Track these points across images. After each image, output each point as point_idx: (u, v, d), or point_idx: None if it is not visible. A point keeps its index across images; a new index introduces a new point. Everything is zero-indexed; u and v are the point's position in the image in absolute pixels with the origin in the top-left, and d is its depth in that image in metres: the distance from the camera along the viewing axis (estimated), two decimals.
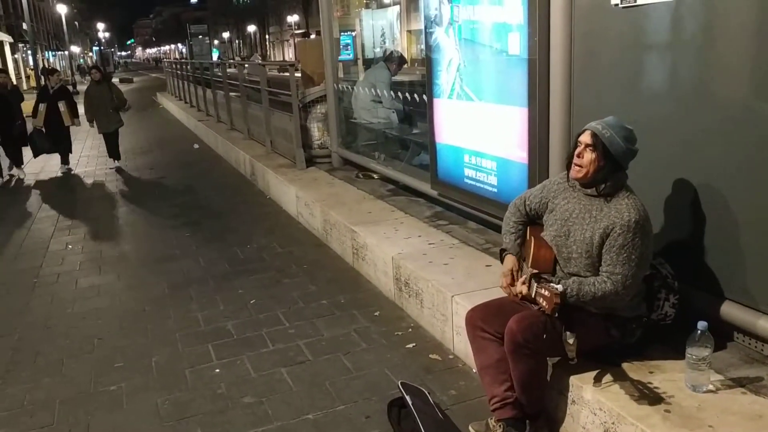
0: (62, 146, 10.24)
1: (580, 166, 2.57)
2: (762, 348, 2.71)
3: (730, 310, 2.75)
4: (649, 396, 2.45)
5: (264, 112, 8.90)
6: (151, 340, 4.03)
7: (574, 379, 2.64)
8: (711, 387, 2.48)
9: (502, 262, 2.88)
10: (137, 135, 14.59)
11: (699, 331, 2.42)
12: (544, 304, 2.40)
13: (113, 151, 10.35)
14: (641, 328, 2.69)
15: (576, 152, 2.58)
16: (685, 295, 2.78)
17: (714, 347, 2.46)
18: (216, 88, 13.09)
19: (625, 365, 2.66)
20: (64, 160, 10.31)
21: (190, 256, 5.65)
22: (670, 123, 2.90)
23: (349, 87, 7.33)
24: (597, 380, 2.59)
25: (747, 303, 2.70)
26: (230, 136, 10.92)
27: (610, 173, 2.55)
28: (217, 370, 3.57)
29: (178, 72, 19.75)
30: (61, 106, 9.88)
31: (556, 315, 2.45)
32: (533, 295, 2.49)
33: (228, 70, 13.16)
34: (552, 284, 2.44)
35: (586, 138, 2.56)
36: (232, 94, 11.73)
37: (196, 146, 12.38)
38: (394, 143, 6.90)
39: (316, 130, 7.90)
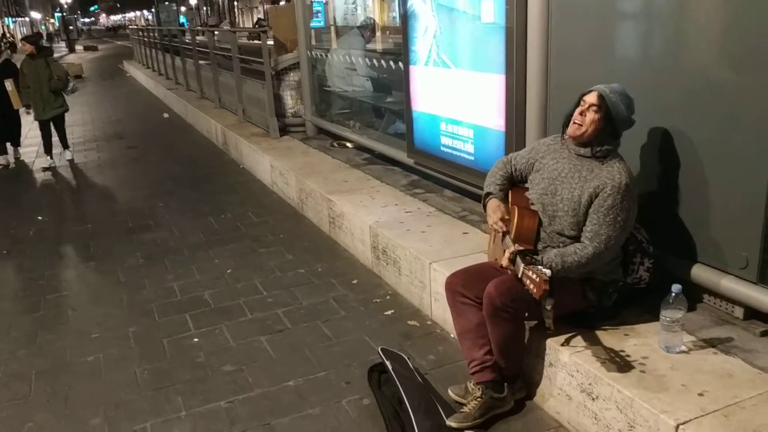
0: (10, 134, 8.50)
1: (580, 124, 2.58)
2: (732, 309, 2.79)
3: (700, 273, 2.82)
4: (625, 357, 2.51)
5: (235, 80, 8.75)
6: (126, 311, 3.99)
7: (551, 342, 2.69)
8: (684, 348, 2.54)
9: (484, 208, 2.88)
10: (105, 104, 14.29)
11: (673, 294, 2.47)
12: (532, 288, 2.36)
13: (61, 140, 8.45)
14: (617, 291, 2.75)
15: (579, 111, 2.59)
16: (659, 259, 2.84)
17: (687, 309, 2.53)
18: (185, 55, 12.82)
19: (601, 328, 2.72)
20: (15, 151, 8.70)
21: (164, 226, 5.59)
22: (645, 92, 2.92)
23: (323, 54, 7.24)
24: (574, 343, 2.65)
25: (717, 266, 2.76)
26: (201, 105, 10.74)
27: (607, 137, 2.58)
28: (196, 340, 3.56)
29: (145, 39, 19.28)
30: (8, 85, 8.02)
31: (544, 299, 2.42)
32: (519, 275, 2.46)
33: (197, 37, 12.89)
34: (539, 267, 2.40)
35: (592, 98, 2.56)
36: (201, 62, 11.51)
37: (165, 115, 12.15)
38: (369, 111, 6.86)
39: (289, 99, 7.81)
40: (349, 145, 6.73)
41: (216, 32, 12.72)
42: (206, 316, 3.83)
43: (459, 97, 4.27)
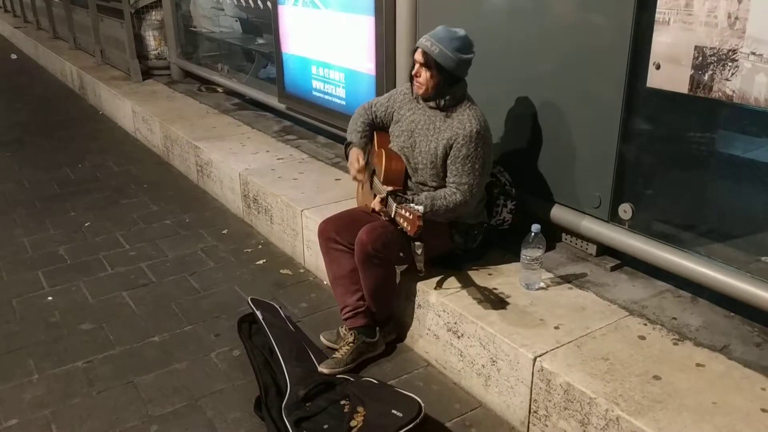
0: None
1: (420, 83, 2.58)
2: (586, 247, 2.95)
3: (559, 213, 2.95)
4: (488, 296, 2.60)
5: (91, 19, 8.07)
6: None
7: (420, 285, 2.73)
8: (542, 285, 2.67)
9: (347, 157, 2.85)
10: None
11: (533, 234, 2.57)
12: (406, 226, 2.36)
13: None
14: (482, 234, 2.82)
15: (414, 71, 2.58)
16: (521, 201, 2.94)
17: (546, 248, 2.64)
18: None
19: (467, 269, 2.79)
20: None
21: (12, 177, 5.12)
22: (509, 35, 2.97)
23: None
24: (441, 285, 2.70)
25: (574, 206, 2.90)
26: (54, 46, 9.84)
27: (447, 86, 2.57)
28: (50, 298, 3.31)
29: None
30: None
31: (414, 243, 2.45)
32: (392, 215, 2.46)
33: None
34: (411, 205, 2.41)
35: (418, 57, 2.56)
36: None
37: (13, 56, 11.05)
38: (239, 54, 6.57)
39: (151, 39, 7.32)
40: (218, 89, 6.43)
41: None
42: (62, 273, 3.57)
43: (329, 40, 4.16)
